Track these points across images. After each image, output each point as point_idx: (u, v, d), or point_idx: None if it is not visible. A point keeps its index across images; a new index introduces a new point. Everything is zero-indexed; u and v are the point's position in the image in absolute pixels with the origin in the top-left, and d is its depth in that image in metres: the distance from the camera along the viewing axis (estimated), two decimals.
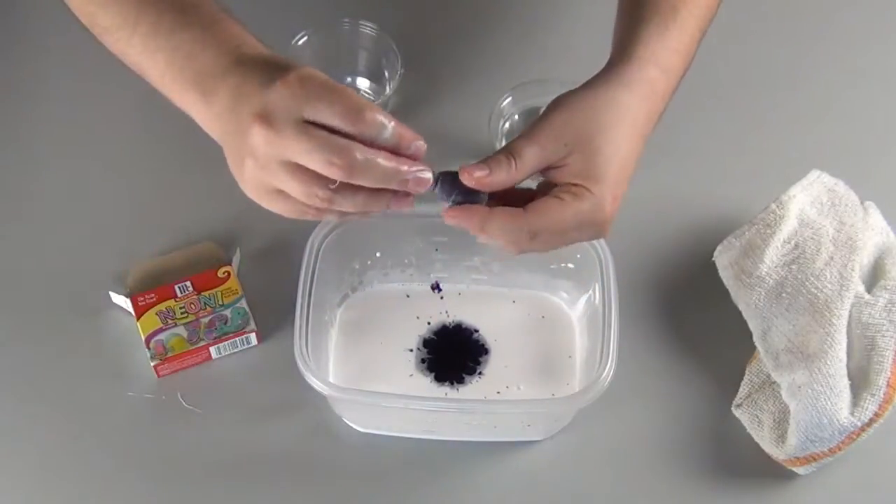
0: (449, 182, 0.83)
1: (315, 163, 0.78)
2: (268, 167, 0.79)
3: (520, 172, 0.83)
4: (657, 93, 0.88)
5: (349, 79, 1.13)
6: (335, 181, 0.79)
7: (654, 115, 0.88)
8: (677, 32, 0.90)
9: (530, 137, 0.84)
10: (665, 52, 0.89)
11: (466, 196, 0.83)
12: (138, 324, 1.00)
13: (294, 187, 0.80)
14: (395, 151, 0.80)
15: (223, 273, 1.02)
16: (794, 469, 0.95)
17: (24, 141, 1.13)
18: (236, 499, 0.95)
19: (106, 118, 1.13)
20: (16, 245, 1.06)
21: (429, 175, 0.81)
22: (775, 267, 0.98)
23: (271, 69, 0.80)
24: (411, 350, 1.00)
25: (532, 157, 0.83)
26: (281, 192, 0.81)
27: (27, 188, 1.10)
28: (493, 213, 0.82)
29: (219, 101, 0.82)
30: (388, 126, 0.79)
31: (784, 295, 0.97)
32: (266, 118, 0.78)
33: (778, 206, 1.00)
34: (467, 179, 0.83)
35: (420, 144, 0.81)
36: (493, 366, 1.00)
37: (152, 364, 0.99)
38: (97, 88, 1.14)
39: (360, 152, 0.78)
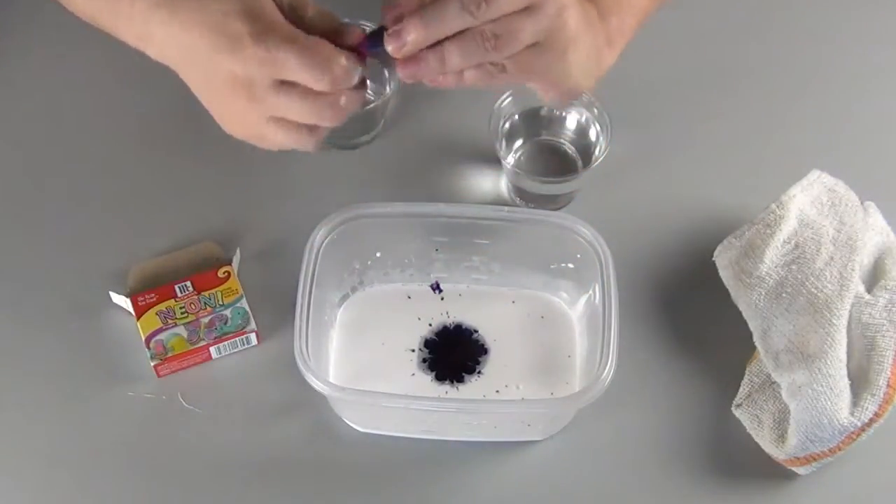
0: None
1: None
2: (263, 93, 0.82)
3: None
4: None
5: None
6: None
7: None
8: None
9: None
10: None
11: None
12: (138, 324, 1.00)
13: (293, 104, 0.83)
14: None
15: (223, 273, 1.02)
16: (794, 469, 0.95)
17: (24, 141, 1.13)
18: (236, 498, 0.95)
19: (106, 118, 1.13)
20: (16, 245, 1.06)
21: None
22: (775, 267, 0.98)
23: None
24: (412, 350, 1.00)
25: None
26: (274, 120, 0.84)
27: (27, 188, 1.10)
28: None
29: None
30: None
31: (784, 295, 0.97)
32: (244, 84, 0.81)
33: (778, 206, 1.00)
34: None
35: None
36: (492, 365, 1.00)
37: (152, 364, 0.99)
38: (97, 88, 1.14)
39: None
